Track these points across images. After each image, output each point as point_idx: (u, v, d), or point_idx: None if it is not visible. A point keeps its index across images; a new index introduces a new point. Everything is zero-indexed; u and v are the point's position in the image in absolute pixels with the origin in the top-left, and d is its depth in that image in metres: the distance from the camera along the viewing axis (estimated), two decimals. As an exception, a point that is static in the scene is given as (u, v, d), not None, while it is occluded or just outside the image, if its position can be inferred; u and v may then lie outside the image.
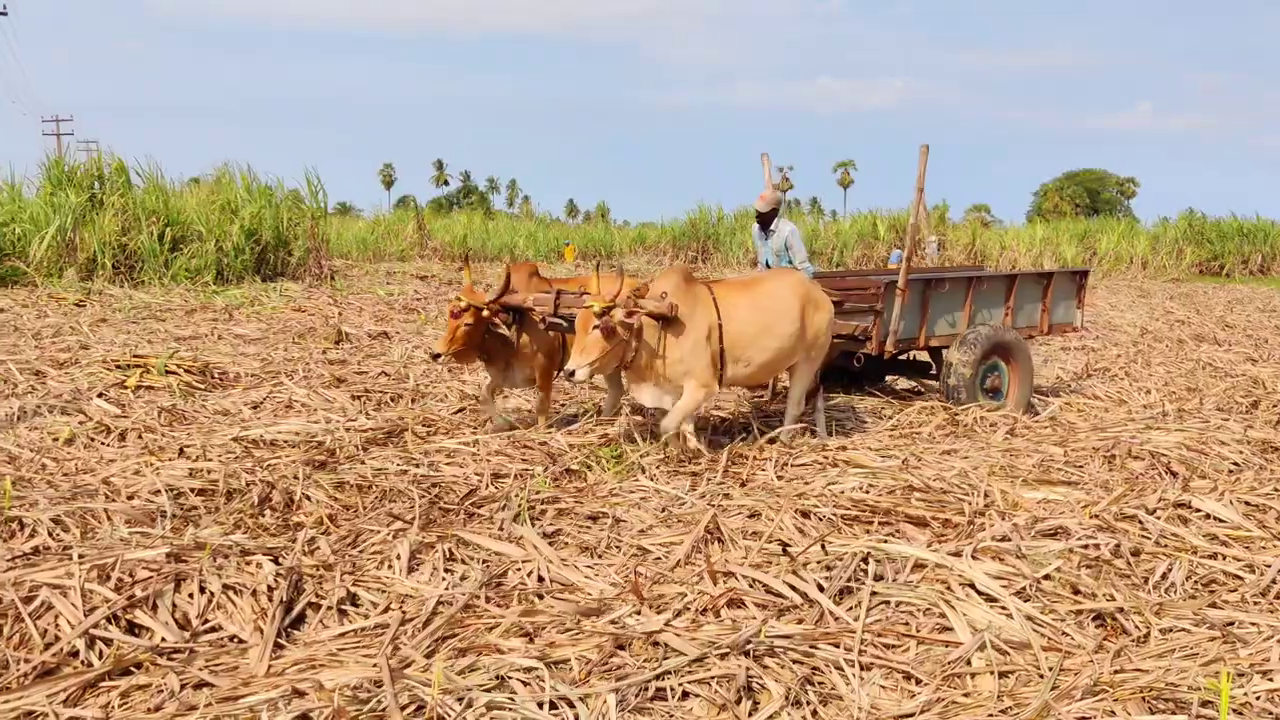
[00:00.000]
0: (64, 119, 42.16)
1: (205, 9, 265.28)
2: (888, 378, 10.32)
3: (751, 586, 4.60)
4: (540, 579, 4.81)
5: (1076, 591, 4.60)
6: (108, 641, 3.99)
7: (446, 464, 6.80)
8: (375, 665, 3.79)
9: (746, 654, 3.89)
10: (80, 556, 4.45)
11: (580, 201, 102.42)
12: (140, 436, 7.30)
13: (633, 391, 7.10)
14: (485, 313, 7.46)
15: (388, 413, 8.38)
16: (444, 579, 4.76)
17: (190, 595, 4.28)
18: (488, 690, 3.58)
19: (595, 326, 6.52)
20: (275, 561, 4.65)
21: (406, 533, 5.19)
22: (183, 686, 3.73)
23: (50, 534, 5.06)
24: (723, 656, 3.87)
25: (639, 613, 4.35)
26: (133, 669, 3.85)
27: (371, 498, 6.05)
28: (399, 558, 4.89)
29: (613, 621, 4.24)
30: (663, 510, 5.79)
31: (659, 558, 5.10)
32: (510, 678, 3.69)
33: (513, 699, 3.53)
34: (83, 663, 3.87)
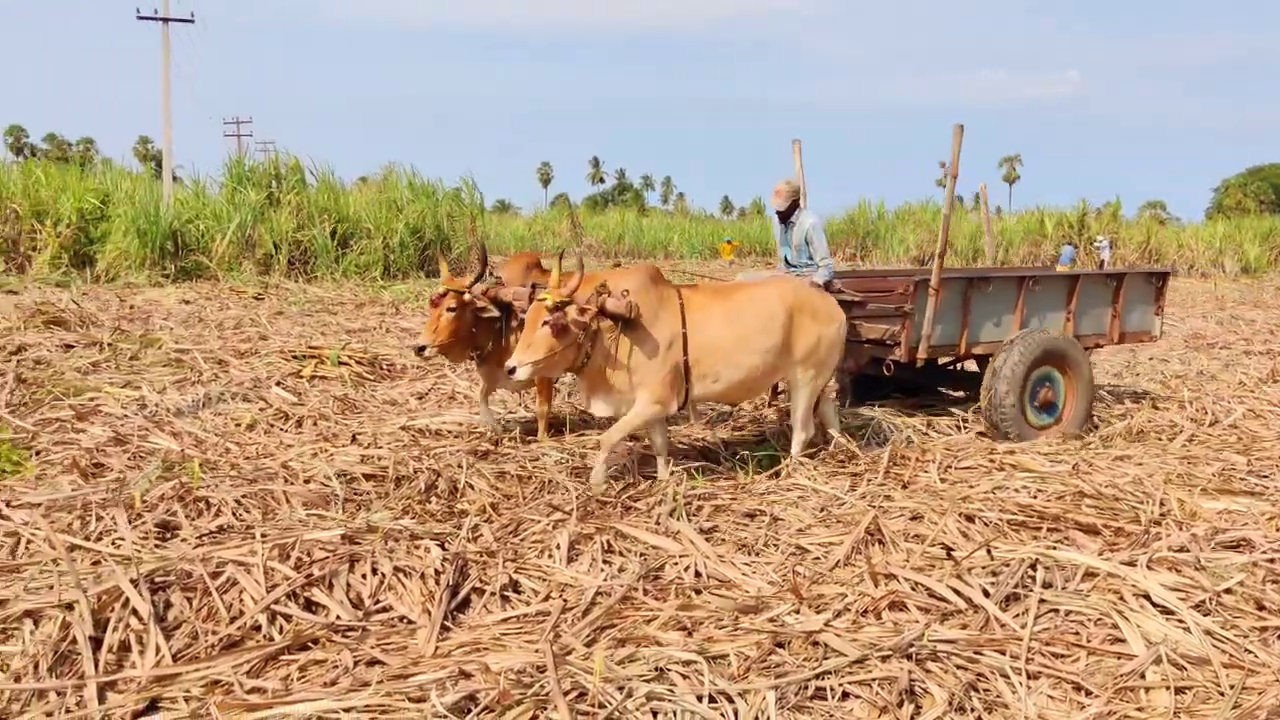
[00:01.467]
0: (244, 121, 44.34)
1: (373, 14, 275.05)
2: (941, 389, 9.28)
3: (914, 590, 4.51)
4: (697, 574, 4.83)
5: (1261, 607, 4.35)
6: (287, 617, 4.18)
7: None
8: (538, 651, 3.87)
9: (909, 657, 3.82)
10: (263, 536, 4.68)
11: (735, 198, 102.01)
12: (315, 423, 7.63)
13: (586, 399, 6.43)
14: (467, 297, 6.89)
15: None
16: (602, 570, 4.83)
17: (363, 576, 4.45)
18: (647, 681, 3.61)
19: (545, 323, 5.87)
20: (442, 547, 4.79)
21: (566, 523, 5.28)
22: (356, 663, 3.88)
23: (234, 514, 5.34)
24: (884, 659, 3.81)
25: (798, 612, 4.32)
26: (310, 644, 4.02)
27: (531, 488, 6.18)
28: (559, 547, 4.98)
29: (771, 619, 4.22)
30: (821, 510, 5.73)
31: (818, 557, 5.05)
32: (669, 670, 3.71)
33: (672, 691, 3.55)
34: (265, 636, 4.07)
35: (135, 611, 4.00)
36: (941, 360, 8.69)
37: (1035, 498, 5.74)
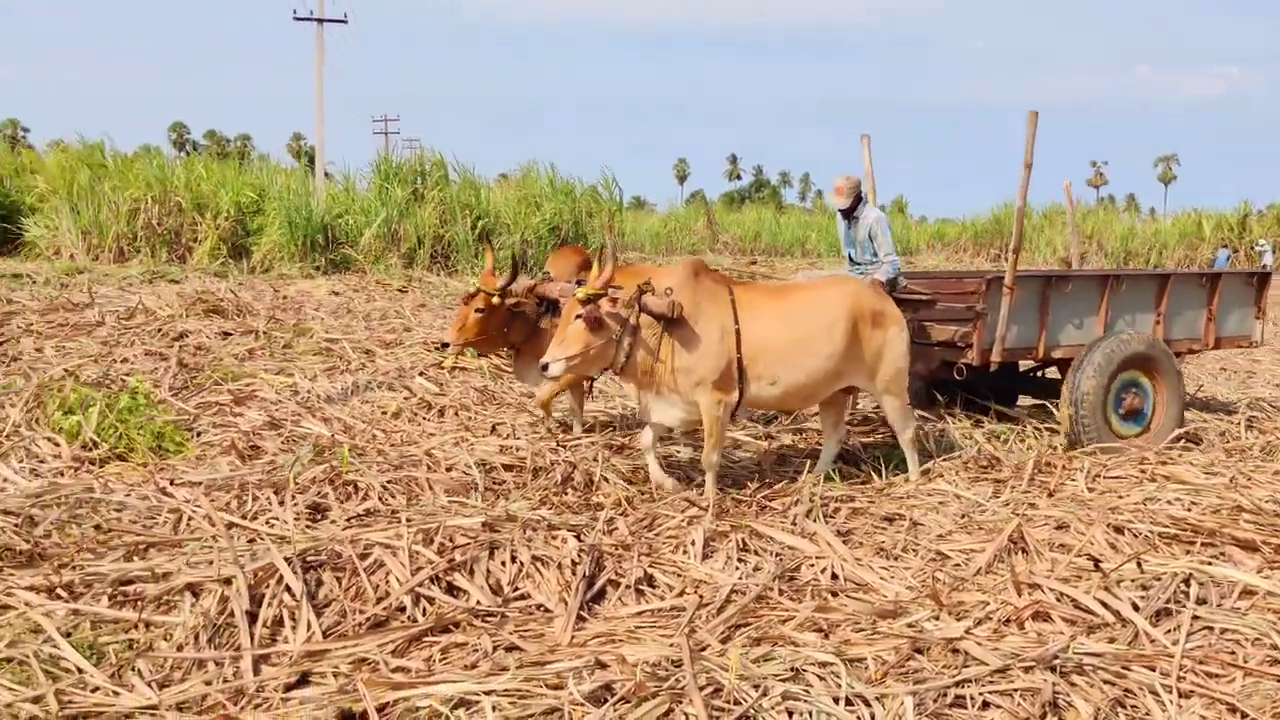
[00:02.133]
0: (392, 119, 45.55)
1: (517, 11, 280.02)
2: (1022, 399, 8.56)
3: (1059, 600, 4.38)
4: (834, 576, 4.79)
5: None
6: (430, 600, 4.31)
7: (737, 453, 6.89)
8: (673, 645, 3.89)
9: (1053, 669, 3.71)
10: (408, 520, 4.83)
11: (877, 196, 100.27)
12: (456, 413, 7.82)
13: (640, 405, 6.26)
14: (496, 301, 6.65)
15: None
16: (737, 568, 4.83)
17: (502, 563, 4.55)
18: (783, 680, 3.60)
19: (578, 316, 5.64)
20: (578, 538, 4.86)
21: (701, 520, 5.29)
22: (495, 648, 3.97)
23: (380, 498, 5.52)
24: (1027, 670, 3.71)
25: (937, 618, 4.24)
26: (451, 627, 4.14)
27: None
28: (693, 544, 4.99)
29: (910, 624, 4.16)
30: (963, 516, 5.62)
31: (958, 564, 4.96)
32: (805, 670, 3.69)
33: (808, 691, 3.53)
34: (408, 618, 4.20)
35: (289, 589, 4.17)
36: (1022, 365, 8.21)
37: (1189, 510, 5.50)
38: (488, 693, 3.48)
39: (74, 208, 20.65)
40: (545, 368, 5.65)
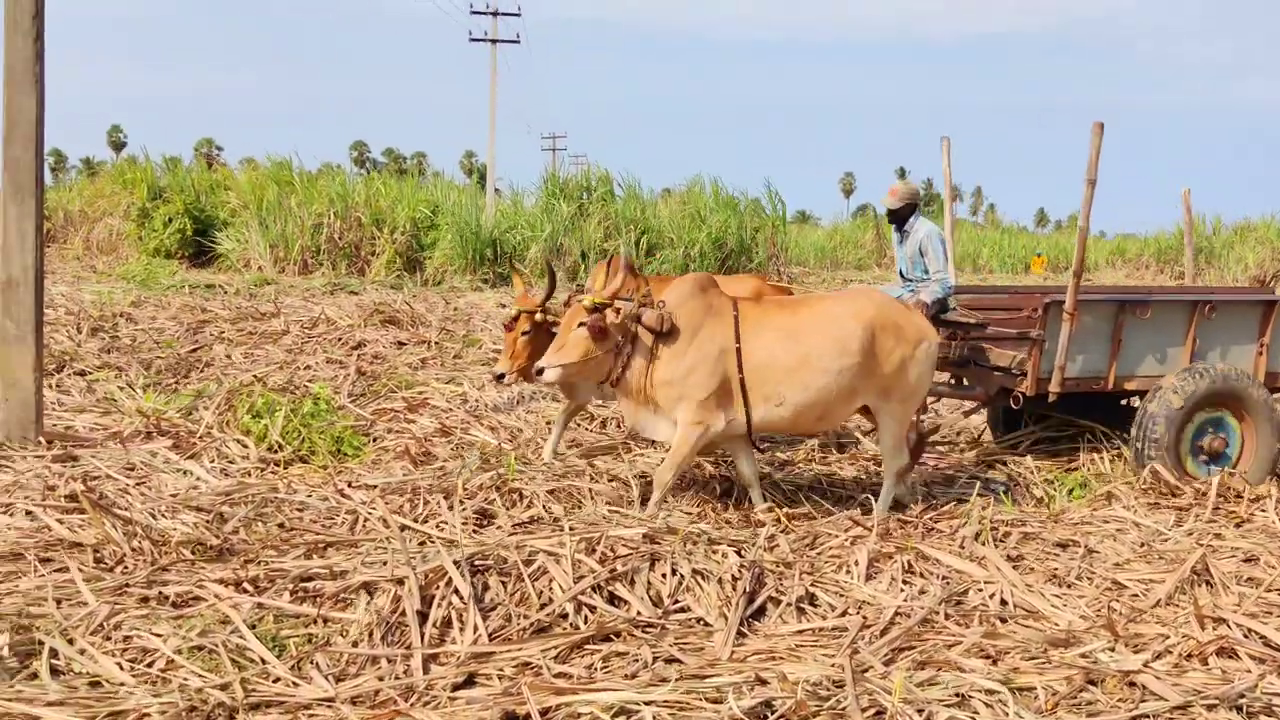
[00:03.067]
0: (559, 136, 46.82)
1: (681, 27, 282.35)
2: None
3: (1246, 636, 4.15)
4: (1003, 602, 4.64)
5: None
6: (592, 608, 4.37)
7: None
8: (834, 665, 3.85)
9: (1238, 709, 3.52)
10: (571, 529, 4.91)
11: (1052, 210, 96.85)
12: (619, 425, 7.91)
13: (624, 416, 6.10)
14: (539, 318, 6.54)
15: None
16: (902, 590, 4.73)
17: (663, 575, 4.58)
18: (948, 706, 3.51)
19: (582, 324, 5.59)
20: (739, 554, 4.85)
21: (865, 540, 5.21)
22: (655, 659, 4.00)
23: (544, 506, 5.63)
24: (1210, 708, 3.53)
25: (1113, 649, 4.07)
26: (612, 636, 4.18)
27: (829, 502, 6.14)
28: (857, 564, 4.92)
29: (1083, 655, 4.00)
30: (1142, 545, 5.37)
31: (1136, 594, 4.74)
32: (971, 697, 3.59)
33: (974, 718, 3.43)
34: (571, 625, 4.26)
35: (457, 591, 4.30)
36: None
37: (1397, 548, 5.12)
38: (648, 703, 3.51)
39: (263, 222, 21.84)
40: (540, 371, 5.65)
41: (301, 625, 4.20)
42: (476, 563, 4.53)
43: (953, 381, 7.46)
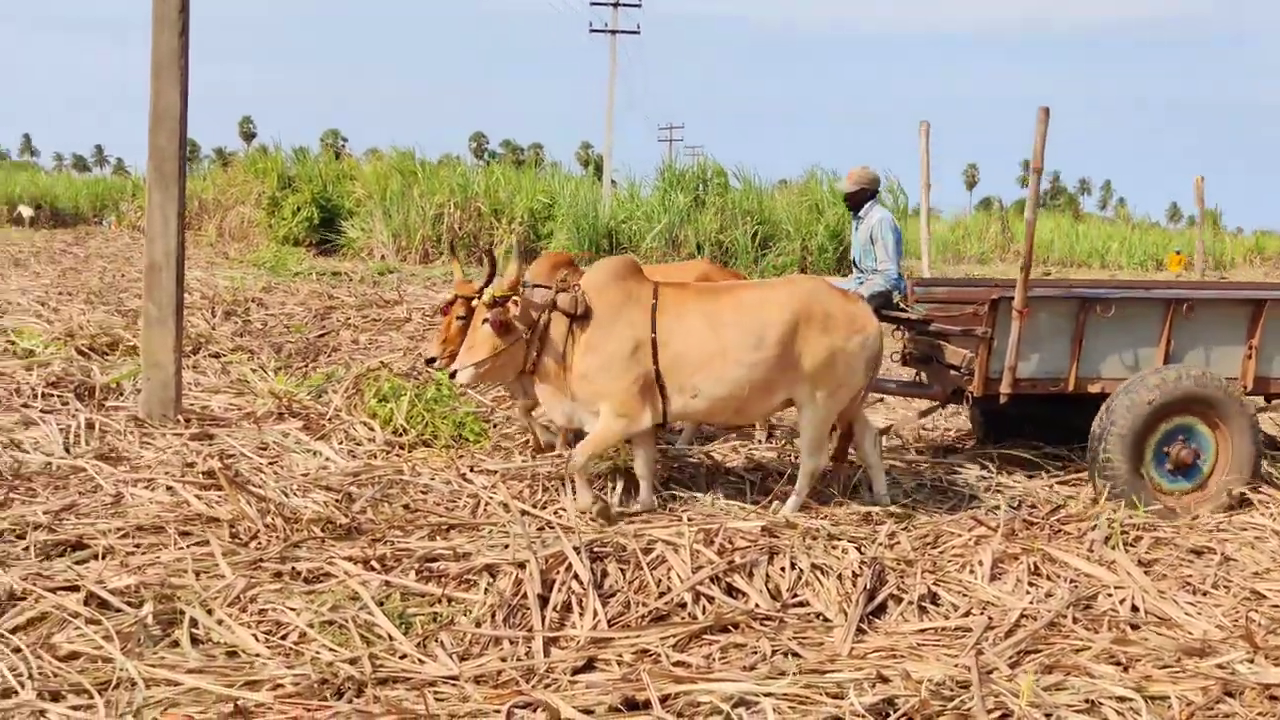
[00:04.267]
0: (676, 126, 46.66)
1: (799, 19, 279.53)
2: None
3: (1400, 654, 3.94)
4: (1134, 608, 4.50)
5: None
6: (710, 599, 4.37)
7: (1023, 475, 6.60)
8: (958, 665, 3.78)
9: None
10: (689, 519, 4.92)
11: (1185, 205, 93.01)
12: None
13: (543, 405, 5.85)
14: (475, 303, 5.91)
15: (959, 418, 8.28)
16: (1028, 592, 4.62)
17: (782, 569, 4.56)
18: (1077, 712, 3.43)
19: (485, 320, 5.37)
20: (859, 550, 4.80)
21: (989, 540, 5.10)
22: (774, 652, 3.98)
23: (660, 496, 5.65)
24: (1360, 728, 3.36)
25: (1252, 661, 3.91)
26: (730, 627, 4.18)
27: (952, 501, 6.03)
28: (981, 564, 4.82)
29: (1220, 665, 3.86)
30: (1283, 553, 5.14)
31: (1277, 605, 4.54)
32: (1101, 703, 3.50)
33: (1105, 726, 3.34)
34: (689, 614, 4.28)
35: (577, 576, 4.35)
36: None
37: None
38: (768, 695, 3.50)
39: (386, 211, 22.40)
40: (453, 375, 5.51)
41: (426, 604, 4.30)
42: (596, 549, 4.57)
43: (918, 379, 7.14)
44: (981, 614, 4.38)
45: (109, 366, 8.51)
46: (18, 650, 3.70)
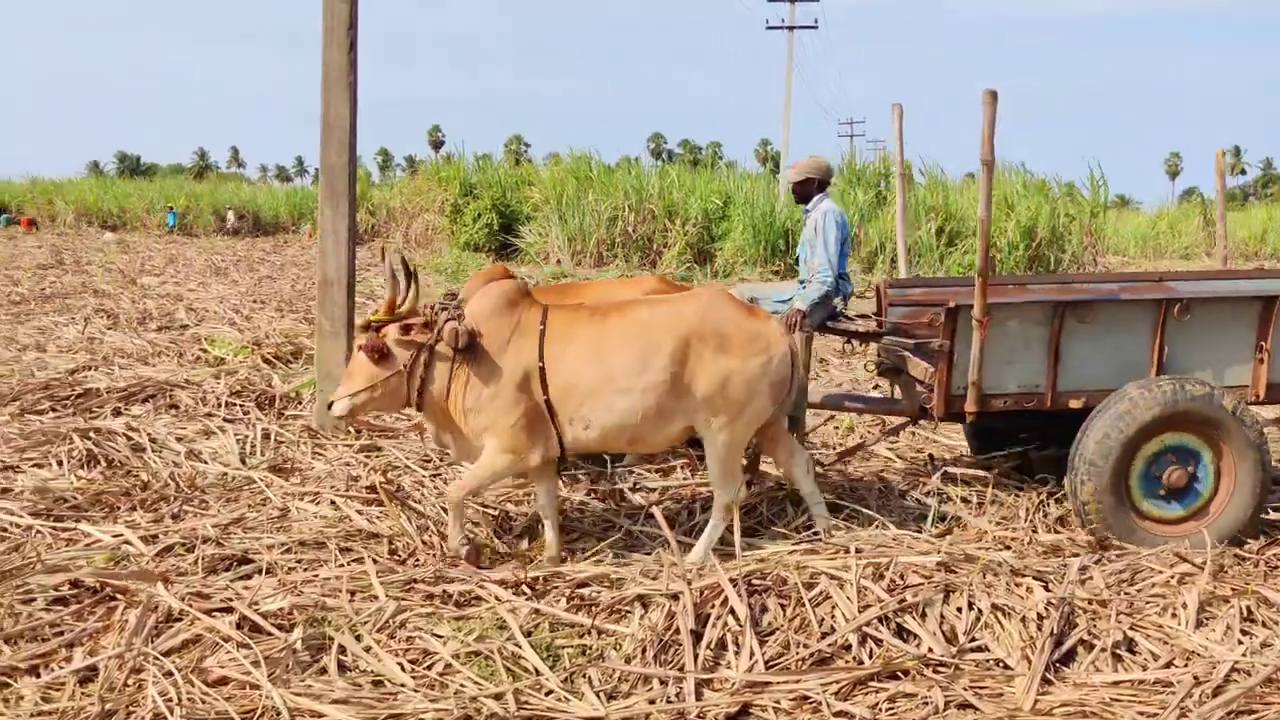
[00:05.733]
0: (857, 121, 45.80)
1: (983, 6, 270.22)
2: None
3: None
4: (1373, 665, 3.92)
5: None
6: (878, 641, 4.04)
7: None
8: (1159, 731, 3.35)
9: None
10: (857, 550, 4.59)
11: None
12: (913, 435, 7.45)
13: (428, 434, 5.44)
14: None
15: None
16: (1241, 642, 4.10)
17: (958, 609, 4.18)
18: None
19: (360, 346, 4.98)
20: (1045, 588, 4.37)
21: (1195, 579, 4.57)
22: (947, 704, 3.65)
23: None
24: None
25: None
26: (900, 674, 3.85)
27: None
28: (1185, 607, 4.31)
29: None
30: None
31: None
32: (1334, 789, 3.01)
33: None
34: (854, 658, 3.96)
35: (733, 612, 4.10)
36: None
37: None
38: (937, 759, 3.16)
39: (561, 216, 22.61)
40: (329, 406, 5.10)
41: (576, 635, 4.13)
42: (754, 582, 4.31)
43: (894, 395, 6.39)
44: (1185, 666, 3.90)
45: (292, 375, 8.75)
46: (169, 674, 3.71)
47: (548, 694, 3.75)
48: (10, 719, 3.56)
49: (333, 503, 5.64)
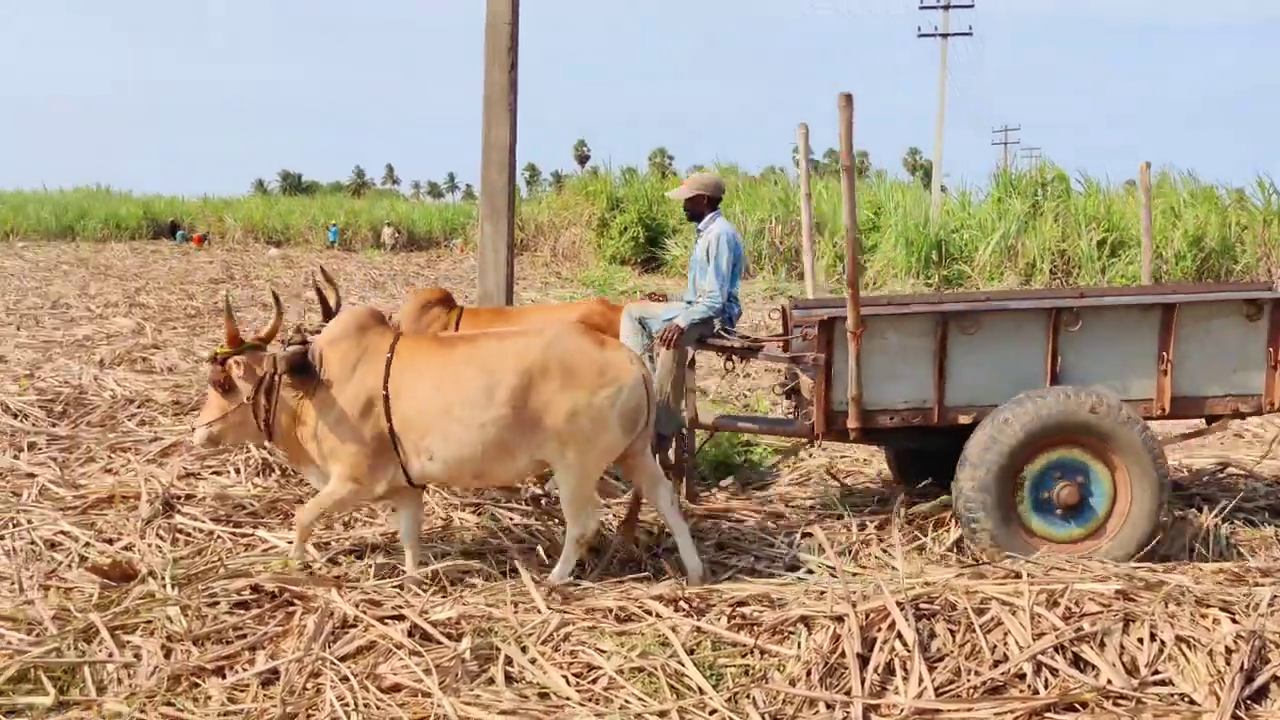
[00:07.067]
0: (1012, 129, 44.48)
1: (1146, 11, 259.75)
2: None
3: None
4: None
5: None
6: (1053, 670, 3.89)
7: None
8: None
9: None
10: (1029, 576, 4.43)
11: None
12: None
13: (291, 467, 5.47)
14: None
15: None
16: None
17: (1139, 640, 3.99)
18: None
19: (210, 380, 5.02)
20: (1233, 619, 4.13)
21: (1402, 613, 4.26)
22: (1131, 740, 3.47)
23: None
24: None
25: None
26: (1078, 706, 3.70)
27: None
28: (1391, 643, 4.02)
29: None
30: None
31: None
32: None
33: None
34: (1029, 688, 3.82)
35: (900, 636, 4.00)
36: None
37: None
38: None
39: (708, 228, 22.60)
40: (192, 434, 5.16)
41: (738, 654, 4.10)
42: (921, 606, 4.20)
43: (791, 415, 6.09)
44: (1397, 710, 3.64)
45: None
46: (346, 680, 3.83)
47: (711, 713, 3.73)
48: (200, 718, 3.73)
49: (493, 515, 5.75)
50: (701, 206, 6.24)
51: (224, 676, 3.98)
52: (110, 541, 5.38)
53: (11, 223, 37.97)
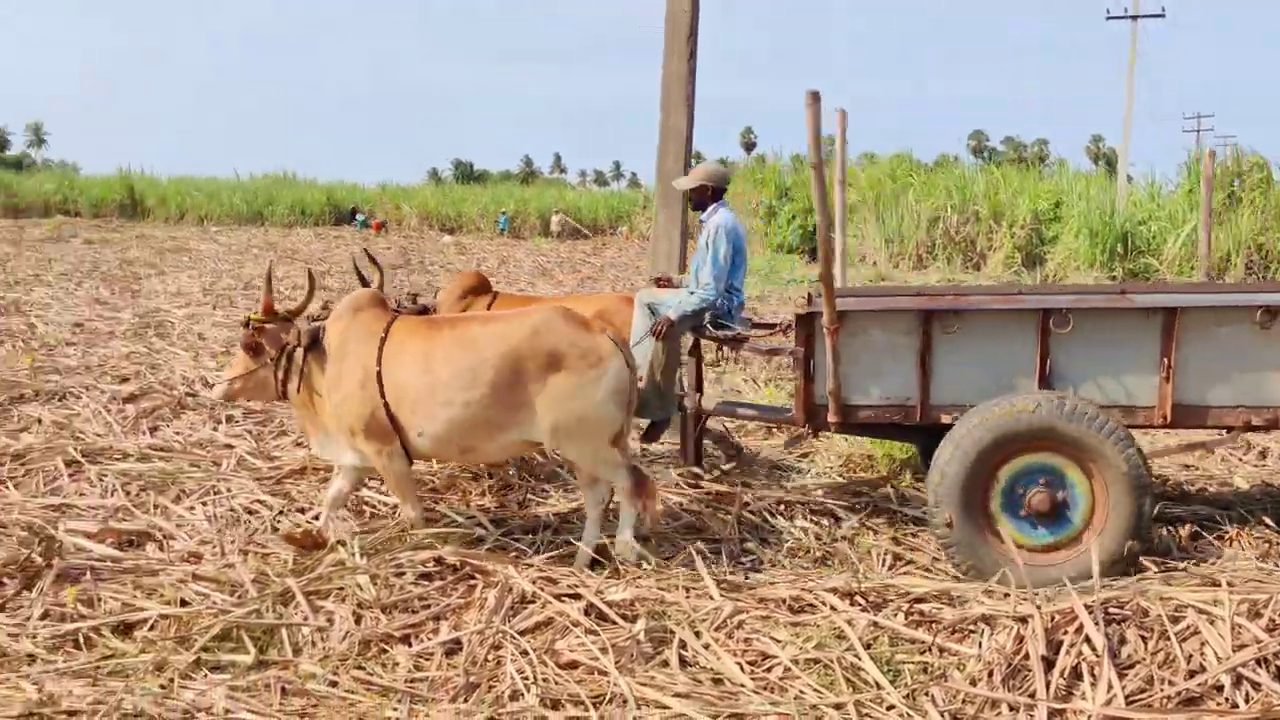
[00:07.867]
0: (1205, 116, 42.06)
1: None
2: None
3: None
4: None
5: None
6: (1255, 684, 3.68)
7: None
8: None
9: None
10: (1229, 584, 4.21)
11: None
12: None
13: (304, 435, 5.82)
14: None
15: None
16: None
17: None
18: None
19: (240, 341, 5.49)
20: None
21: None
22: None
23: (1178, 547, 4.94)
24: None
25: None
26: (1282, 724, 3.49)
27: None
28: None
29: None
30: None
31: None
32: None
33: None
34: (1227, 701, 3.63)
35: (1088, 640, 3.85)
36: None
37: None
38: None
39: (879, 217, 22.17)
40: (211, 386, 5.42)
41: (916, 651, 4.02)
42: (1111, 610, 4.03)
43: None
44: None
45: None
46: (525, 654, 3.93)
47: (889, 709, 3.68)
48: (388, 682, 3.89)
49: (663, 501, 5.80)
50: (705, 197, 6.33)
51: (410, 644, 4.14)
52: (302, 511, 5.66)
53: (206, 208, 40.04)
